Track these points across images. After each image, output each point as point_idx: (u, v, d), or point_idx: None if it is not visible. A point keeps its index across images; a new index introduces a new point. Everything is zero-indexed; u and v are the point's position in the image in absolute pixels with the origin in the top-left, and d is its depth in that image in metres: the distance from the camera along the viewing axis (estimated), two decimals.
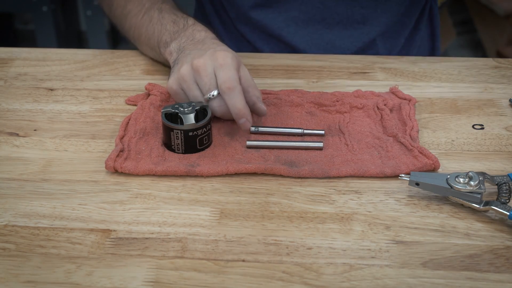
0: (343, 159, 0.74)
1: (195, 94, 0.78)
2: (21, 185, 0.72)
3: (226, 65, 0.76)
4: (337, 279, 0.59)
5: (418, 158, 0.73)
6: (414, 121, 0.80)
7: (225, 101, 0.75)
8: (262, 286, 0.59)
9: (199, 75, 0.77)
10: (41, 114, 0.85)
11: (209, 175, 0.73)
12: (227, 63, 0.76)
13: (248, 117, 0.76)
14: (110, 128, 0.82)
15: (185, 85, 0.78)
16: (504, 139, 0.79)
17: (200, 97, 0.77)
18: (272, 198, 0.70)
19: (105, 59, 0.98)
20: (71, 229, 0.66)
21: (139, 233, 0.65)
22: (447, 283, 0.59)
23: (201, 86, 0.77)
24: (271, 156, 0.75)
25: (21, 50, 1.01)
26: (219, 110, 0.77)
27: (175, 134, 0.74)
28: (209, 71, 0.76)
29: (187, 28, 0.89)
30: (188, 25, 0.89)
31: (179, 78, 0.78)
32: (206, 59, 0.77)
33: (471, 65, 0.96)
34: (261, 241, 0.64)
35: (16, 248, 0.63)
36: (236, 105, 0.75)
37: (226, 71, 0.75)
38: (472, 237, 0.64)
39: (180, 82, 0.78)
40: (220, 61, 0.76)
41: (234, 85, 0.75)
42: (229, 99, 0.75)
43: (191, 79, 0.78)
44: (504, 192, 0.68)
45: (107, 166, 0.73)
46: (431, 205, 0.69)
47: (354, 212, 0.68)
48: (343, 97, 0.85)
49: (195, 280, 0.59)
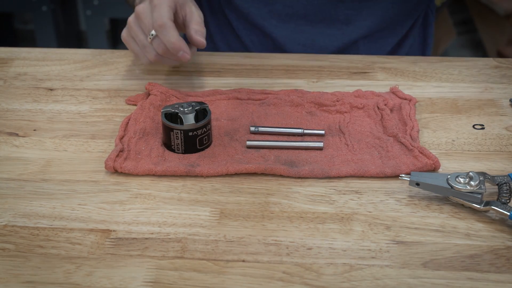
0: (343, 159, 0.74)
1: (140, 39, 0.83)
2: (21, 185, 0.72)
3: (159, 4, 0.81)
4: (337, 279, 0.59)
5: (418, 158, 0.73)
6: (415, 121, 0.80)
7: (161, 38, 0.81)
8: (262, 286, 0.59)
9: (140, 19, 0.83)
10: (41, 114, 0.85)
11: (209, 175, 0.73)
12: (160, 2, 0.81)
13: (185, 49, 0.81)
14: (110, 128, 0.82)
15: (132, 32, 0.84)
16: (505, 139, 0.79)
17: (145, 40, 0.83)
18: (272, 198, 0.70)
19: (105, 59, 0.98)
20: (70, 229, 0.66)
21: (139, 233, 0.65)
22: (448, 283, 0.59)
23: (143, 29, 0.83)
24: (271, 156, 0.75)
25: (20, 50, 1.01)
26: (159, 49, 0.82)
27: (175, 134, 0.74)
28: (148, 14, 0.82)
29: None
30: None
31: (127, 26, 0.86)
32: (146, 3, 0.83)
33: (472, 65, 0.96)
34: (261, 241, 0.64)
35: (15, 248, 0.63)
36: (170, 39, 0.80)
37: (157, 10, 0.81)
38: (472, 237, 0.64)
39: (129, 30, 0.85)
40: (154, 2, 0.82)
41: (163, 21, 0.80)
42: (163, 36, 0.80)
43: (135, 25, 0.84)
44: (504, 192, 0.68)
45: (106, 166, 0.73)
46: (431, 205, 0.69)
47: (354, 212, 0.68)
48: (343, 97, 0.85)
49: (195, 281, 0.59)
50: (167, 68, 0.95)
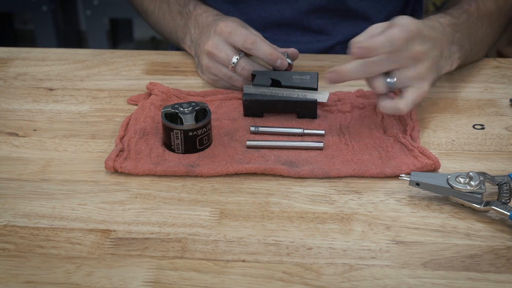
0: (343, 159, 0.74)
1: (224, 72, 0.84)
2: (21, 185, 0.72)
3: (233, 29, 0.81)
4: (337, 279, 0.59)
5: (418, 158, 0.73)
6: (415, 121, 0.80)
7: (255, 55, 0.80)
8: (262, 286, 0.59)
9: (215, 55, 0.83)
10: (41, 114, 0.85)
11: (209, 175, 0.73)
12: (233, 27, 0.81)
13: (281, 56, 0.81)
14: (110, 128, 0.82)
15: (212, 70, 0.84)
16: (505, 139, 0.79)
17: (229, 71, 0.83)
18: (272, 198, 0.70)
19: (105, 59, 0.98)
20: (70, 229, 0.66)
21: (139, 233, 0.65)
22: (448, 283, 0.59)
23: (222, 62, 0.83)
24: (271, 156, 0.75)
25: (20, 50, 1.01)
26: (247, 70, 0.82)
27: (175, 134, 0.74)
28: (220, 47, 0.82)
29: (190, 17, 0.92)
30: (191, 13, 0.92)
31: (205, 69, 0.85)
32: (213, 38, 0.83)
33: (472, 65, 0.96)
34: (261, 241, 0.64)
35: (15, 248, 0.63)
36: (266, 51, 0.80)
37: (237, 33, 0.80)
38: (472, 238, 0.64)
39: (208, 71, 0.85)
40: (226, 30, 0.81)
41: (253, 38, 0.80)
42: (257, 52, 0.80)
43: (213, 64, 0.84)
44: (504, 192, 0.68)
45: (106, 166, 0.73)
46: (431, 205, 0.69)
47: (354, 212, 0.68)
48: (344, 97, 0.85)
49: (195, 281, 0.59)
50: (167, 68, 0.95)
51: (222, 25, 0.83)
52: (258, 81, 0.80)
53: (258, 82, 0.80)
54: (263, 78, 0.81)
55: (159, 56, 0.98)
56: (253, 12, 1.05)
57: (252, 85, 0.81)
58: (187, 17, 0.91)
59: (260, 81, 0.80)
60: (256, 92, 0.81)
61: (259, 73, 0.81)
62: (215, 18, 0.88)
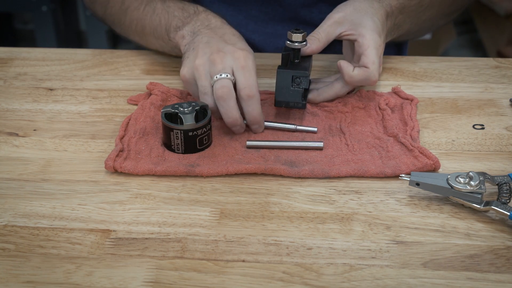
0: (343, 159, 0.74)
1: (203, 84, 0.77)
2: (21, 185, 0.72)
3: (248, 68, 0.76)
4: (337, 279, 0.59)
5: (418, 158, 0.73)
6: (415, 121, 0.80)
7: (243, 107, 0.76)
8: (262, 286, 0.59)
9: (214, 65, 0.76)
10: (41, 114, 0.85)
11: (209, 175, 0.73)
12: (249, 66, 0.77)
13: (261, 123, 0.78)
14: (110, 128, 0.82)
15: (197, 74, 0.78)
16: (505, 139, 0.79)
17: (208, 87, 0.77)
18: (272, 198, 0.70)
19: (105, 59, 0.98)
20: (70, 229, 0.66)
21: (139, 233, 0.65)
22: (448, 283, 0.59)
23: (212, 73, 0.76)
24: (271, 156, 0.75)
25: (20, 50, 1.01)
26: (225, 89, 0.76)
27: (175, 134, 0.74)
28: (226, 64, 0.76)
29: (199, 14, 0.88)
30: (200, 11, 0.89)
31: (193, 67, 0.78)
32: (227, 55, 0.77)
33: (472, 65, 0.96)
34: (261, 241, 0.64)
35: (15, 248, 0.63)
36: (253, 113, 0.76)
37: (247, 76, 0.76)
38: (472, 237, 0.64)
39: (194, 72, 0.78)
40: (242, 62, 0.76)
41: (254, 93, 0.76)
42: (247, 106, 0.76)
43: (204, 69, 0.77)
44: (504, 192, 0.68)
45: (106, 166, 0.73)
46: (431, 205, 0.69)
47: (354, 212, 0.68)
48: (345, 97, 0.85)
49: (195, 281, 0.59)
50: (167, 68, 0.95)
51: (243, 54, 0.77)
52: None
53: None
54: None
55: (159, 56, 0.98)
56: (253, 8, 1.04)
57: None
58: (193, 13, 0.88)
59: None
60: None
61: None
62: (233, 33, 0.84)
